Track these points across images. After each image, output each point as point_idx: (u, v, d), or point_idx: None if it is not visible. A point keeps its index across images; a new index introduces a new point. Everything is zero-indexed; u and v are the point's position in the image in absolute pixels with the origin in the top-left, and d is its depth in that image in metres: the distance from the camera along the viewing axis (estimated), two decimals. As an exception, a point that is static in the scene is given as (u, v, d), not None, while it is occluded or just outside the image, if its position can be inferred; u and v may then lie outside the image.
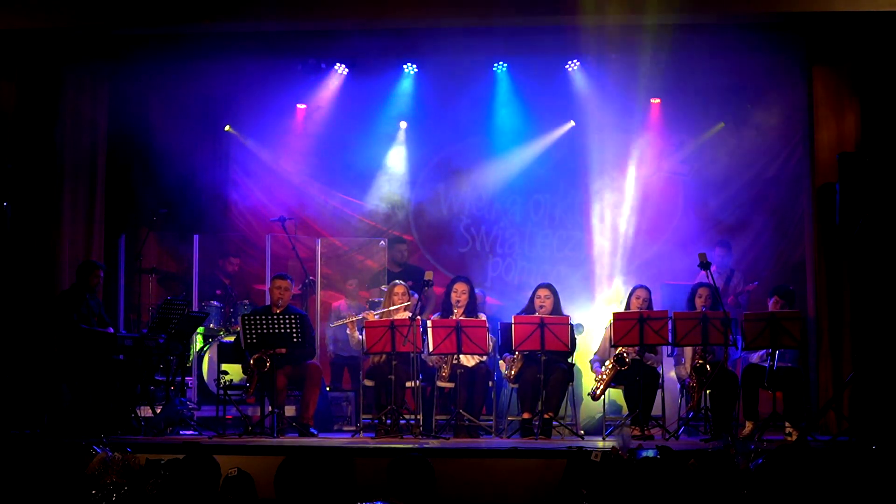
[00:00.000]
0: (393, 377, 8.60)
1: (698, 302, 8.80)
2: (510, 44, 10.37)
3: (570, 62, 10.69)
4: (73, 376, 8.86)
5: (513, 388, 8.88)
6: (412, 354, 8.67)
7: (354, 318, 9.16)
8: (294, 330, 8.68)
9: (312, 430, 8.78)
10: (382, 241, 11.22)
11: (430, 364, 9.04)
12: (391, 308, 9.12)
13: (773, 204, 10.94)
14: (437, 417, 9.06)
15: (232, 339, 9.41)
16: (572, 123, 11.11)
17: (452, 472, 7.12)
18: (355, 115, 11.14)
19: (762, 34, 9.64)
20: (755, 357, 8.70)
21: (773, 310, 8.77)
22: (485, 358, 8.86)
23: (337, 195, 11.48)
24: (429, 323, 8.76)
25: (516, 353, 8.74)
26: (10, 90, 9.61)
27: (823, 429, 8.91)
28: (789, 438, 8.33)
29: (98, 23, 9.34)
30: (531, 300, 8.97)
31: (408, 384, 8.88)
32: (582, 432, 8.93)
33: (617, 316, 8.60)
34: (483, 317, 8.96)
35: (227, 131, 11.43)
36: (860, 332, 8.92)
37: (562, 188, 11.19)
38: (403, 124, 11.37)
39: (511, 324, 8.61)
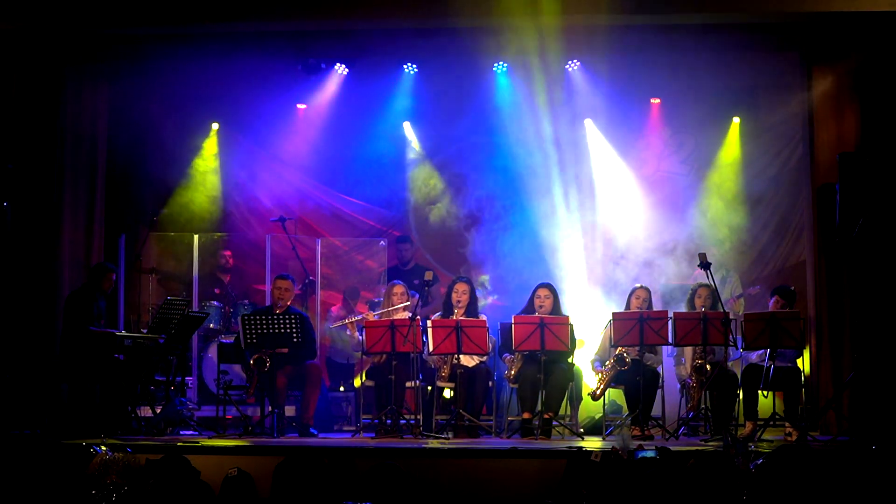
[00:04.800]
0: (393, 377, 8.60)
1: (698, 302, 8.80)
2: (510, 44, 10.37)
3: (570, 62, 10.69)
4: (74, 376, 8.85)
5: (513, 388, 8.88)
6: (412, 354, 8.67)
7: (354, 319, 9.17)
8: (294, 330, 8.68)
9: (312, 430, 8.78)
10: (382, 241, 11.23)
11: (430, 364, 9.04)
12: (391, 308, 9.12)
13: (773, 204, 10.94)
14: (437, 417, 9.07)
15: (232, 338, 9.42)
16: (588, 121, 11.09)
17: (452, 472, 7.12)
18: (355, 116, 11.13)
19: (762, 34, 9.65)
20: (755, 357, 8.69)
21: (773, 310, 8.77)
22: (485, 358, 8.86)
23: (337, 195, 11.47)
24: (429, 323, 8.76)
25: (516, 353, 8.74)
26: (10, 90, 9.61)
27: (823, 429, 8.92)
28: (789, 438, 8.33)
29: (98, 23, 9.34)
30: (531, 300, 8.97)
31: (408, 384, 8.88)
32: (581, 430, 8.92)
33: (617, 316, 8.60)
34: (483, 317, 8.95)
35: (227, 130, 11.40)
36: (860, 332, 8.92)
37: (562, 188, 11.17)
38: (407, 124, 11.36)
39: (511, 324, 8.62)
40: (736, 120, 10.94)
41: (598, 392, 8.76)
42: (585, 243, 10.89)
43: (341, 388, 10.36)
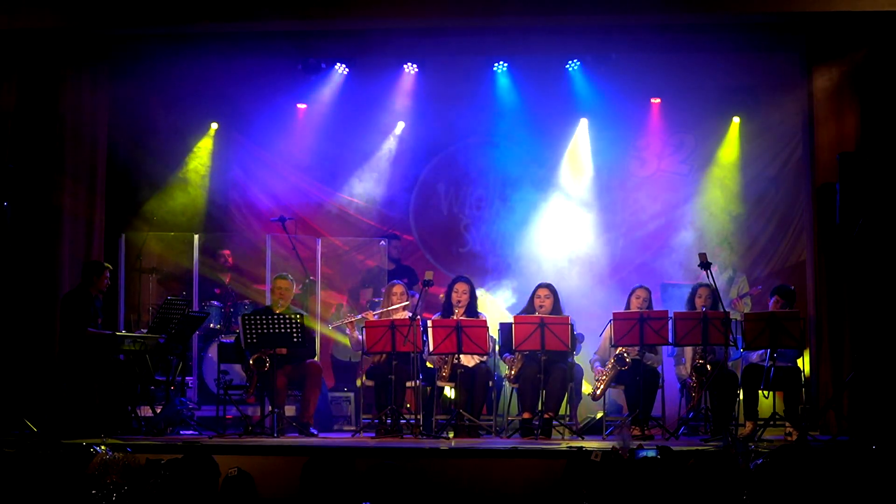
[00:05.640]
0: (393, 377, 8.60)
1: (698, 302, 8.80)
2: (510, 44, 10.38)
3: (570, 62, 10.69)
4: (74, 376, 8.85)
5: (513, 388, 8.88)
6: (412, 354, 8.67)
7: (354, 319, 9.17)
8: (294, 330, 8.68)
9: (312, 430, 8.78)
10: (382, 241, 11.24)
11: (430, 365, 9.04)
12: (390, 308, 9.12)
13: (773, 204, 10.95)
14: (437, 417, 9.06)
15: (232, 338, 9.42)
16: (584, 121, 11.10)
17: (452, 472, 7.12)
18: (355, 115, 11.14)
19: (762, 34, 9.66)
20: (755, 357, 8.69)
21: (773, 310, 8.77)
22: (485, 358, 8.86)
23: (337, 195, 11.48)
24: (429, 323, 8.76)
25: (516, 352, 8.73)
26: (10, 90, 9.61)
27: (823, 429, 8.91)
28: (789, 438, 8.33)
29: (98, 23, 9.35)
30: (531, 300, 8.97)
31: (408, 384, 8.87)
32: (581, 430, 8.91)
33: (617, 316, 8.59)
34: (483, 317, 8.95)
35: (227, 130, 11.39)
36: (860, 332, 8.92)
37: (562, 188, 11.18)
38: (401, 124, 11.36)
39: (511, 324, 8.61)
40: (736, 120, 10.95)
41: (598, 392, 8.76)
42: (585, 242, 10.89)
43: (345, 389, 10.33)
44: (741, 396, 8.56)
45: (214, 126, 11.24)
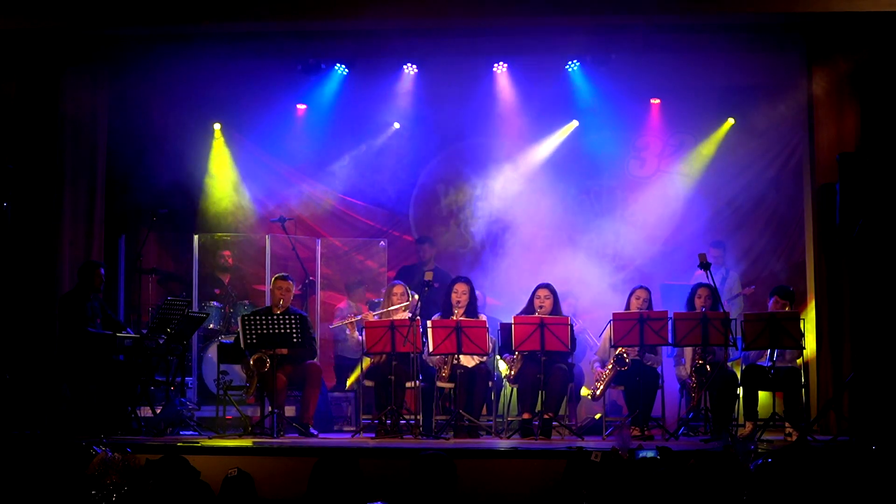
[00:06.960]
0: (393, 377, 8.60)
1: (698, 302, 8.81)
2: (510, 44, 10.38)
3: (570, 62, 10.69)
4: (74, 377, 8.85)
5: (513, 389, 8.88)
6: (412, 354, 8.67)
7: (354, 319, 9.17)
8: (294, 330, 8.68)
9: (312, 431, 8.78)
10: (382, 242, 11.23)
11: (431, 364, 9.04)
12: (390, 308, 9.12)
13: (773, 204, 10.94)
14: (437, 417, 9.06)
15: (232, 338, 9.42)
16: (576, 123, 11.11)
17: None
18: (355, 116, 11.13)
19: (762, 34, 9.67)
20: (754, 356, 8.69)
21: (773, 310, 8.77)
22: (485, 358, 8.86)
23: (337, 195, 11.47)
24: (429, 323, 8.76)
25: (516, 353, 8.74)
26: (10, 90, 9.62)
27: (823, 429, 8.92)
28: (789, 438, 8.33)
29: (98, 23, 9.35)
30: (531, 300, 8.97)
31: (408, 384, 8.87)
32: (581, 430, 8.91)
33: (617, 316, 8.59)
34: (483, 317, 8.95)
35: (227, 130, 11.39)
36: (860, 332, 8.93)
37: (562, 188, 11.19)
38: (397, 125, 11.35)
39: (511, 324, 8.61)
40: (731, 120, 10.94)
41: (597, 392, 8.76)
42: (586, 243, 10.89)
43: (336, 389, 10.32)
44: (741, 397, 8.56)
45: (217, 127, 11.24)
